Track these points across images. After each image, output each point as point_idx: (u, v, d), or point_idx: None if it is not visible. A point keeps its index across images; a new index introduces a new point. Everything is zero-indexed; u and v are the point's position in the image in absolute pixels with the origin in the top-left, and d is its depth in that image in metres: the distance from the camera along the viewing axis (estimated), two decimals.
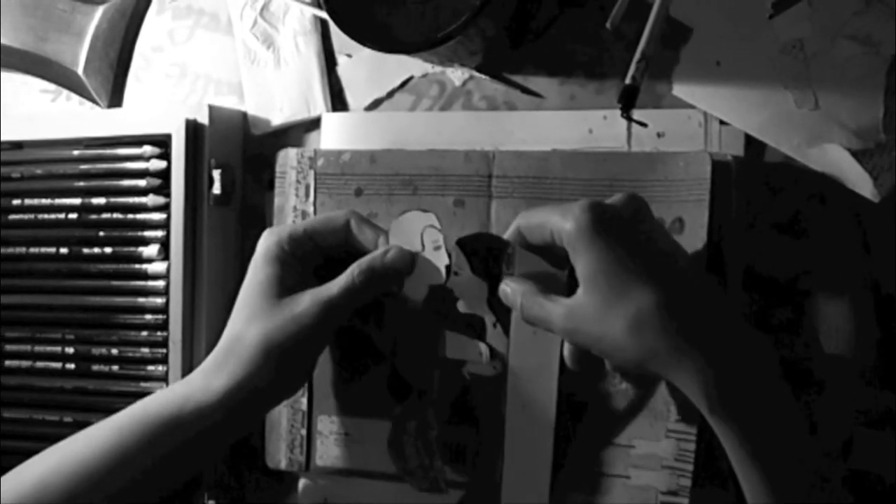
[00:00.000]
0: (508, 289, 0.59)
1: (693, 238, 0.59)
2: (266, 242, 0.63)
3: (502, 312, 0.63)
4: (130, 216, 0.74)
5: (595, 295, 0.52)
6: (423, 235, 0.63)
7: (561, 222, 0.53)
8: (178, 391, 0.61)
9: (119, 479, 0.59)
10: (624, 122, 0.64)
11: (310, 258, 0.63)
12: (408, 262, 0.62)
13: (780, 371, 0.53)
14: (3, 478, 0.60)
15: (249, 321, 0.61)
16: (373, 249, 0.63)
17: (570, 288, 0.55)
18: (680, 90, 0.64)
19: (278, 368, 0.60)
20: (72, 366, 0.75)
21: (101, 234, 0.74)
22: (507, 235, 0.60)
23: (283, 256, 0.62)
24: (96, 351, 0.75)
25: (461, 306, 0.64)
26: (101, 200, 0.74)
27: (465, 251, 0.63)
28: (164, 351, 0.72)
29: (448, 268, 0.64)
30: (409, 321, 0.66)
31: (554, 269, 0.58)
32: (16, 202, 0.77)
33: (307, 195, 0.69)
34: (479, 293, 0.64)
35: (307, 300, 0.60)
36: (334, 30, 0.74)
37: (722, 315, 0.53)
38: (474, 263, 0.63)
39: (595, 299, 0.52)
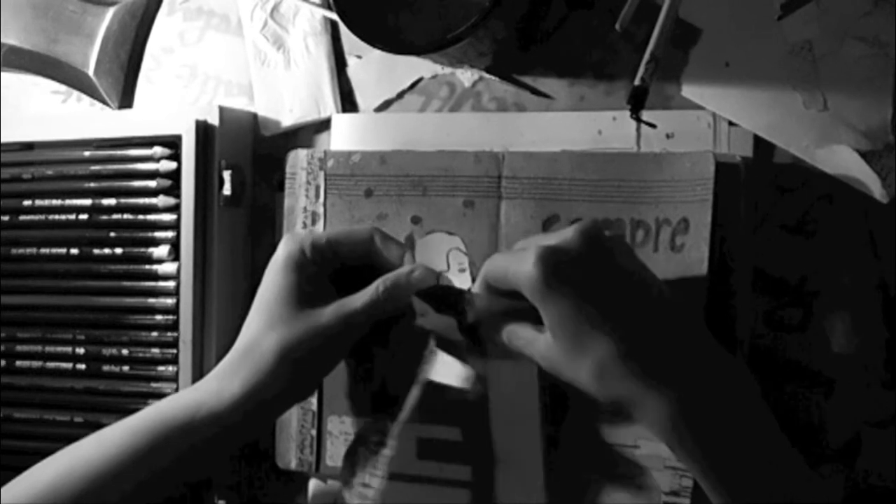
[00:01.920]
0: (497, 323, 0.59)
1: (697, 238, 0.60)
2: (288, 248, 0.63)
3: (476, 336, 0.63)
4: (141, 217, 0.75)
5: (559, 344, 0.53)
6: (448, 257, 0.64)
7: (517, 273, 0.53)
8: (191, 396, 0.61)
9: (130, 481, 0.59)
10: (633, 123, 0.65)
11: (328, 266, 0.64)
12: (433, 282, 0.62)
13: (756, 394, 0.54)
14: (17, 478, 0.61)
15: (268, 328, 0.61)
16: (397, 265, 0.63)
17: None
18: (689, 91, 0.65)
19: (294, 377, 0.60)
20: (82, 366, 0.77)
21: (112, 234, 0.76)
22: (476, 285, 0.59)
23: (304, 263, 0.62)
24: (107, 351, 0.76)
25: (437, 338, 0.64)
26: (111, 201, 0.76)
27: (426, 300, 0.62)
28: (175, 351, 0.73)
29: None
30: (409, 338, 0.66)
31: (516, 302, 0.57)
32: (27, 203, 0.78)
33: (317, 196, 0.71)
34: (449, 324, 0.62)
35: (330, 313, 0.60)
36: (344, 31, 0.75)
37: (687, 350, 0.53)
38: (437, 307, 0.62)
39: (560, 347, 0.53)
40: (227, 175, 0.72)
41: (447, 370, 0.64)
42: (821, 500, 0.53)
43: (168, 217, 0.74)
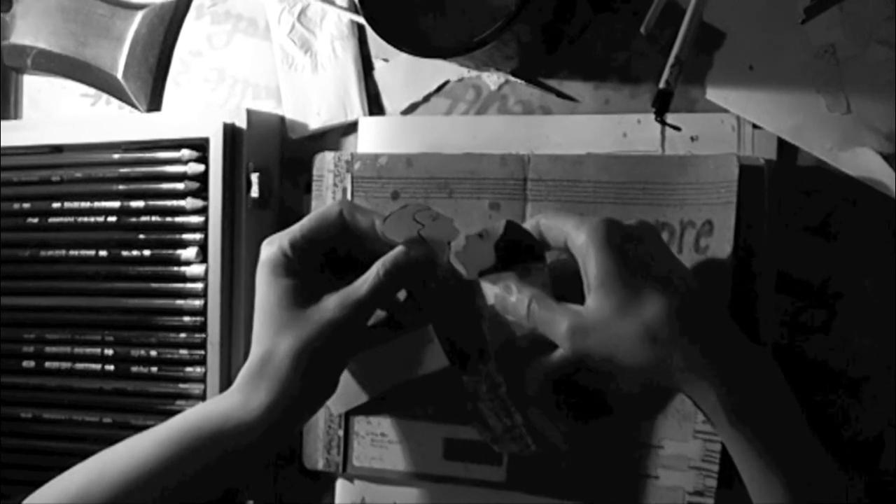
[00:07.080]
0: (513, 297, 0.60)
1: (721, 240, 0.62)
2: (267, 253, 0.64)
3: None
4: (169, 219, 0.78)
5: (607, 300, 0.55)
6: (416, 218, 0.63)
7: (576, 231, 0.56)
8: (218, 408, 0.63)
9: (160, 490, 0.61)
10: (658, 126, 0.67)
11: (313, 257, 0.65)
12: (431, 255, 0.63)
13: (784, 381, 0.56)
14: (48, 484, 0.64)
15: (278, 335, 0.62)
16: (370, 234, 0.63)
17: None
18: (713, 94, 0.67)
19: (313, 376, 0.62)
20: (111, 367, 0.80)
21: (140, 236, 0.78)
22: (526, 225, 0.62)
23: (290, 265, 0.63)
24: (135, 352, 0.79)
25: (455, 263, 0.63)
26: (139, 203, 0.79)
27: (506, 230, 0.62)
28: (202, 352, 0.76)
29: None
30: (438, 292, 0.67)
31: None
32: (56, 205, 0.81)
33: (344, 198, 0.73)
34: (482, 260, 0.62)
35: (335, 303, 0.62)
36: (371, 34, 0.77)
37: (727, 329, 0.56)
38: (503, 243, 0.61)
39: (607, 305, 0.55)
40: (254, 177, 0.75)
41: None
42: (843, 498, 0.55)
43: (196, 219, 0.76)
